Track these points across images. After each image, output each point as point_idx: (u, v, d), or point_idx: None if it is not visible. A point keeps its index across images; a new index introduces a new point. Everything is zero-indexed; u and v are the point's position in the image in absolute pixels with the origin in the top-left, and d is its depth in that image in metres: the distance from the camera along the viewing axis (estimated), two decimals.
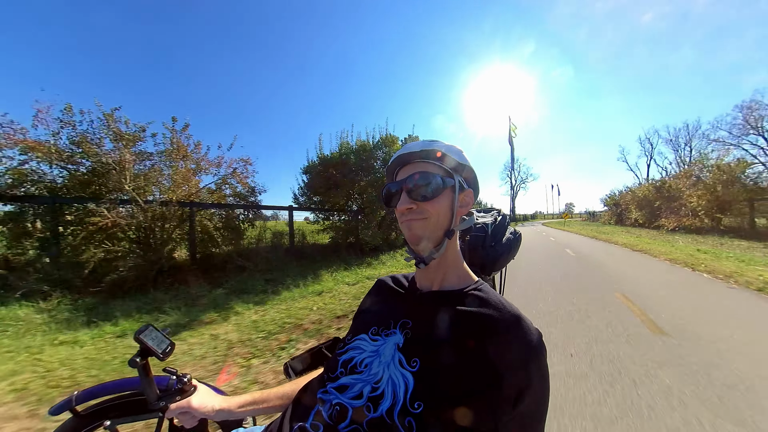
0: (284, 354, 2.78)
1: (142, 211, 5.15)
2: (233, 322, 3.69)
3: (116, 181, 5.13)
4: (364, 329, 0.65)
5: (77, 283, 4.45)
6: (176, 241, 5.86)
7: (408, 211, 0.62)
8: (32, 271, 4.37)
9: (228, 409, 0.71)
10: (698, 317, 3.39)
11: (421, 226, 0.61)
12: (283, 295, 4.81)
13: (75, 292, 4.32)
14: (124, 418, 0.87)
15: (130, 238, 5.40)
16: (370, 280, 5.77)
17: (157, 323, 3.60)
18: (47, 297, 4.05)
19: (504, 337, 0.53)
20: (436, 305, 0.61)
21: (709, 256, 7.16)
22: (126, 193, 5.14)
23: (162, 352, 0.69)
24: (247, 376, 2.31)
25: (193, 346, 2.94)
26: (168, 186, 5.81)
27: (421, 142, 0.65)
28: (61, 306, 3.97)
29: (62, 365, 2.55)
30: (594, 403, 1.94)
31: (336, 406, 0.54)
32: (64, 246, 4.89)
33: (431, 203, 0.61)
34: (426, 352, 0.54)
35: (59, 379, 2.33)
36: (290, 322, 3.59)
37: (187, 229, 5.96)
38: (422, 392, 0.49)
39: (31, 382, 2.29)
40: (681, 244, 9.29)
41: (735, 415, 1.81)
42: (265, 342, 3.06)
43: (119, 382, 0.88)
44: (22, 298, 3.98)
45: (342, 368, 0.59)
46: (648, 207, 19.18)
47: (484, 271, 1.00)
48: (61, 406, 0.81)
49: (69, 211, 5.13)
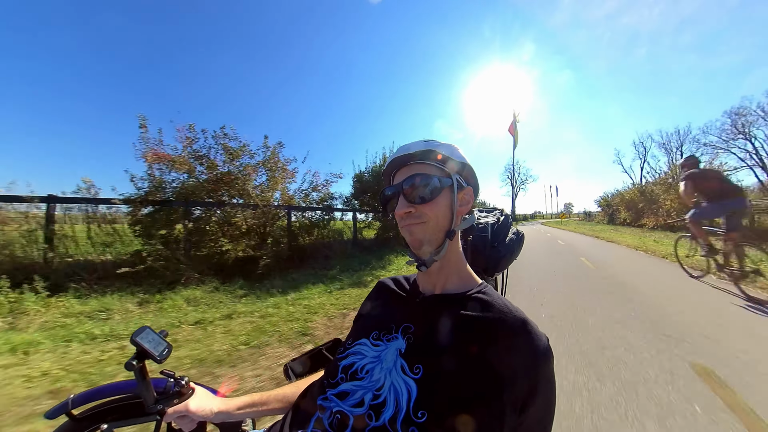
0: None
1: (263, 213, 6.25)
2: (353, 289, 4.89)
3: (241, 189, 6.21)
4: (365, 333, 0.63)
5: (207, 271, 5.13)
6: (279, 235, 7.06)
7: (407, 215, 0.60)
8: (176, 262, 4.94)
9: (227, 411, 0.69)
10: (615, 264, 6.74)
11: (421, 230, 0.60)
12: (358, 274, 6.11)
13: (221, 278, 5.02)
14: (122, 421, 0.86)
15: (257, 233, 6.41)
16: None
17: (310, 292, 4.56)
18: (200, 282, 4.70)
19: (510, 342, 0.52)
20: (439, 309, 0.59)
21: (656, 244, 9.83)
22: (250, 197, 6.27)
23: (159, 355, 0.68)
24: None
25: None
26: (270, 193, 6.89)
27: (416, 143, 0.64)
28: (231, 287, 4.75)
29: (288, 317, 3.49)
30: (563, 286, 4.71)
31: (336, 414, 0.52)
32: (196, 241, 5.56)
33: (429, 205, 0.60)
34: (429, 358, 0.52)
35: (291, 324, 3.27)
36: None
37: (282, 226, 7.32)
38: (426, 401, 0.48)
39: (276, 326, 3.21)
40: (646, 238, 11.99)
41: (619, 292, 4.26)
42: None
43: (116, 385, 0.87)
44: (175, 285, 4.55)
45: (342, 374, 0.58)
46: (634, 208, 20.91)
47: (487, 273, 0.99)
48: (57, 410, 0.80)
49: (201, 212, 6.04)
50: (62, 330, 2.98)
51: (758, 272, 4.07)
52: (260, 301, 4.15)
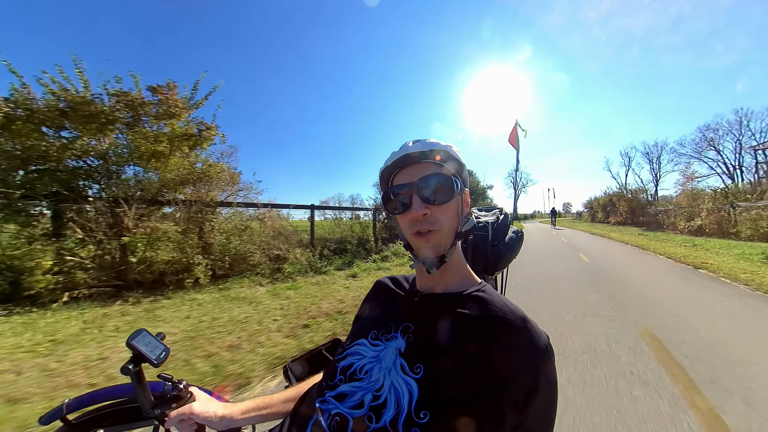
0: None
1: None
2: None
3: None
4: (364, 334, 0.62)
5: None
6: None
7: (423, 218, 0.57)
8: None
9: (230, 416, 0.67)
10: (580, 240, 13.70)
11: (437, 238, 0.57)
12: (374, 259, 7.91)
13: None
14: (118, 426, 0.84)
15: None
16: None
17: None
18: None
19: (510, 340, 0.51)
20: (439, 308, 0.58)
21: (608, 232, 17.79)
22: None
23: (156, 358, 0.66)
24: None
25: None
26: None
27: (421, 143, 0.61)
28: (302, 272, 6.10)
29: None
30: (557, 272, 6.41)
31: (335, 416, 0.51)
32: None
33: (443, 208, 0.58)
34: (430, 357, 0.52)
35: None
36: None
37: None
38: (428, 401, 0.47)
39: None
40: (607, 228, 21.29)
41: (601, 278, 5.68)
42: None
43: (112, 390, 0.85)
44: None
45: (341, 375, 0.57)
46: (604, 210, 31.91)
47: (486, 272, 0.98)
48: (51, 416, 0.79)
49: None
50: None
51: None
52: None
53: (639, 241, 12.17)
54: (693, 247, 9.64)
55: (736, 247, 9.08)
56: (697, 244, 10.24)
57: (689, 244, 10.44)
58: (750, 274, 5.51)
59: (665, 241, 11.99)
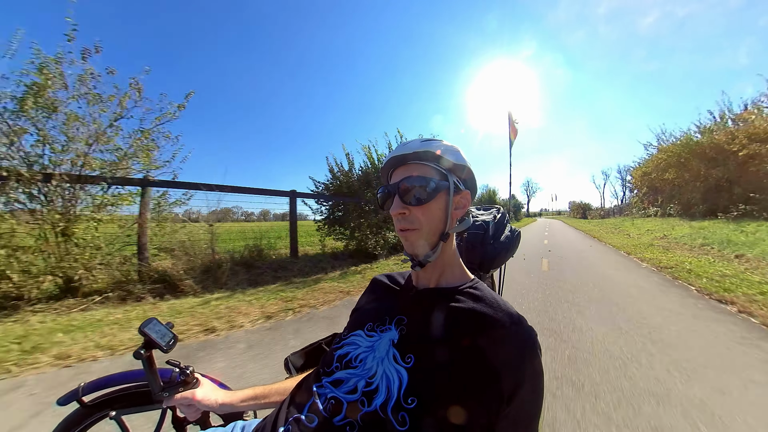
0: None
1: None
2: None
3: None
4: (360, 325, 0.66)
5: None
6: None
7: (401, 216, 0.62)
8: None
9: (230, 403, 0.73)
10: (558, 228, 24.04)
11: (415, 237, 0.61)
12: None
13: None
14: (129, 408, 0.89)
15: None
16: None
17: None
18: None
19: (498, 334, 0.54)
20: (432, 302, 0.61)
21: (581, 224, 29.59)
22: None
23: (165, 345, 0.71)
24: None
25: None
26: None
27: (417, 142, 0.63)
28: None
29: None
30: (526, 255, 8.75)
31: (331, 399, 0.55)
32: None
33: (423, 209, 0.61)
34: (421, 348, 0.55)
35: None
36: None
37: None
38: (416, 388, 0.50)
39: None
40: (580, 222, 36.12)
41: (561, 261, 7.45)
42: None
43: (125, 374, 0.90)
44: None
45: (337, 363, 0.60)
46: (581, 211, 49.45)
47: (482, 269, 1.00)
48: (68, 397, 0.83)
49: None
50: None
51: None
52: None
53: (583, 226, 23.71)
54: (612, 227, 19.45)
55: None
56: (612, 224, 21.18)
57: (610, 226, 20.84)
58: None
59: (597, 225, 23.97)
